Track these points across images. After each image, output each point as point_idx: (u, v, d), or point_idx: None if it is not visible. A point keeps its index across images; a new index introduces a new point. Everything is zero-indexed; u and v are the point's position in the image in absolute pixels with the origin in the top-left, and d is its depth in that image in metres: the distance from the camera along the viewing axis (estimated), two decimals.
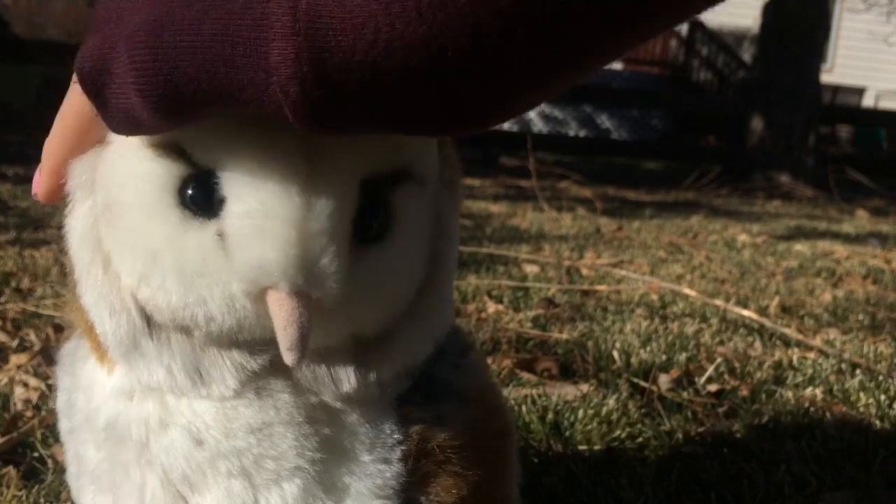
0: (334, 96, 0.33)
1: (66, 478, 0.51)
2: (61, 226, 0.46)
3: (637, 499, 0.96)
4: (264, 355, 0.43)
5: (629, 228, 3.51)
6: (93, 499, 0.48)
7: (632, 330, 1.69)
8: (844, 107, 9.69)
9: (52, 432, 1.04)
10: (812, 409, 1.28)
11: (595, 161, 7.42)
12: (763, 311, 1.97)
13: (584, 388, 1.31)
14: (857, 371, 1.50)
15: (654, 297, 2.03)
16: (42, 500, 0.90)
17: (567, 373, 1.42)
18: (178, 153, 0.40)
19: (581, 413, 1.16)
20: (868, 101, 11.56)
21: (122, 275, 0.43)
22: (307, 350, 0.40)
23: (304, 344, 0.39)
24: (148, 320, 0.43)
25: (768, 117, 6.49)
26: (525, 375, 1.37)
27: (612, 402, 1.23)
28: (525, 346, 1.54)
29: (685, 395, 1.33)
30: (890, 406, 1.31)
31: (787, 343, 1.70)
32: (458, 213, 0.49)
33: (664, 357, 1.50)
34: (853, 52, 12.33)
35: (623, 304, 1.96)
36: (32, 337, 1.42)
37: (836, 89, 10.22)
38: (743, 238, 3.42)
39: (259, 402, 0.44)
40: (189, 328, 0.43)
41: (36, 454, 1.00)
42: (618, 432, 1.13)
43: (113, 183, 0.43)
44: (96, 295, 0.44)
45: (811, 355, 1.60)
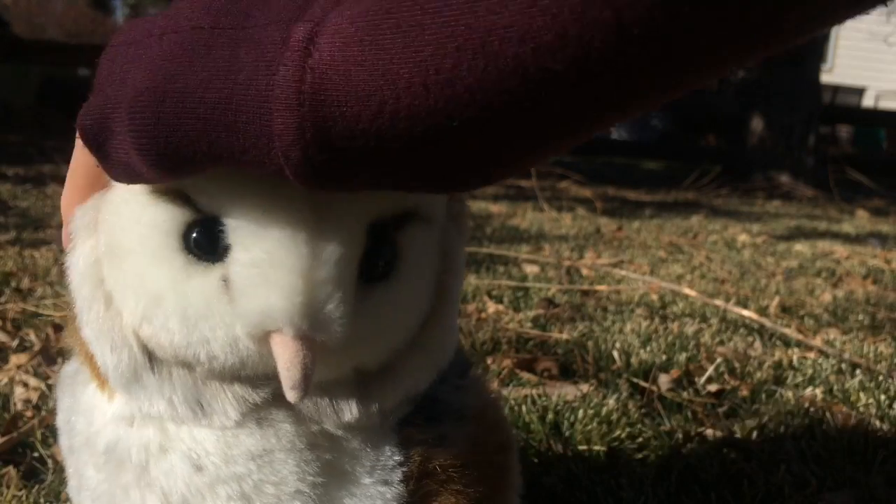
0: (336, 161, 0.33)
1: (68, 490, 0.51)
2: (61, 225, 0.46)
3: (637, 499, 0.96)
4: (266, 388, 0.43)
5: (629, 228, 3.51)
6: None
7: (632, 330, 1.69)
8: (844, 107, 9.67)
9: (52, 432, 1.04)
10: (812, 409, 1.28)
11: (595, 161, 7.41)
12: (763, 311, 1.97)
13: (584, 388, 1.31)
14: (857, 371, 1.50)
15: (654, 297, 2.03)
16: (42, 500, 0.90)
17: (567, 373, 1.42)
18: (183, 199, 0.40)
19: (581, 413, 1.16)
20: (868, 101, 11.56)
21: (124, 313, 0.43)
22: (310, 389, 0.40)
23: (307, 384, 0.39)
24: (149, 355, 0.43)
25: (768, 117, 6.49)
26: (525, 375, 1.37)
27: (612, 402, 1.23)
28: (525, 346, 1.54)
29: (685, 395, 1.33)
30: (890, 406, 1.31)
31: (787, 343, 1.70)
32: (465, 246, 0.49)
33: (664, 357, 1.50)
34: (853, 52, 12.33)
35: (623, 304, 1.96)
36: (32, 337, 1.42)
37: (836, 89, 10.21)
38: (743, 238, 3.42)
39: (260, 431, 0.44)
40: (191, 364, 0.43)
41: (36, 454, 1.00)
42: (618, 432, 1.13)
43: (116, 226, 0.43)
44: (97, 330, 0.44)
45: (811, 355, 1.60)
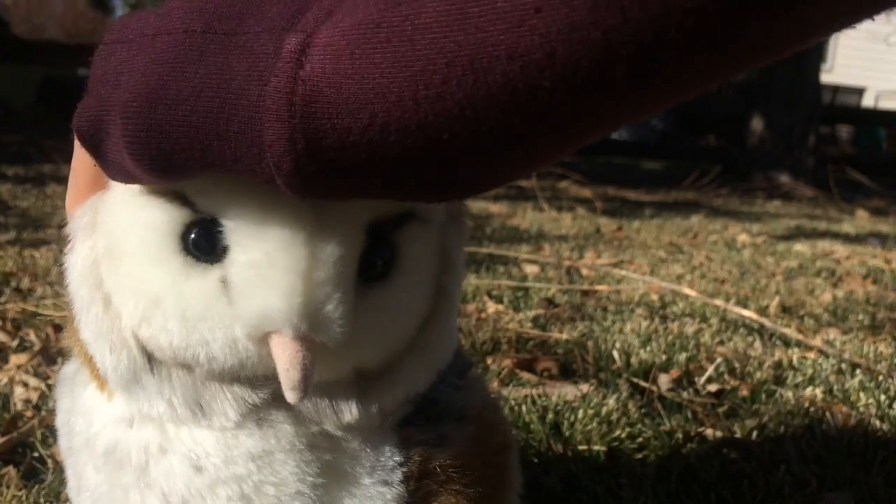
0: (327, 171, 0.33)
1: (67, 491, 0.51)
2: (61, 225, 0.46)
3: (637, 499, 0.96)
4: (266, 389, 0.43)
5: (629, 228, 3.51)
6: None
7: (632, 330, 1.69)
8: (844, 107, 9.67)
9: (52, 432, 1.04)
10: (812, 409, 1.28)
11: (595, 161, 7.42)
12: (763, 311, 1.97)
13: (584, 388, 1.31)
14: (857, 371, 1.50)
15: (654, 297, 2.03)
16: (42, 500, 0.90)
17: (567, 373, 1.42)
18: (181, 200, 0.40)
19: (581, 413, 1.16)
20: (868, 101, 11.56)
21: (123, 315, 0.43)
22: (310, 389, 0.40)
23: (306, 384, 0.39)
24: (149, 357, 0.43)
25: (768, 117, 6.49)
26: (525, 375, 1.37)
27: (612, 402, 1.23)
28: (525, 346, 1.54)
29: (685, 395, 1.33)
30: (890, 406, 1.31)
31: (787, 343, 1.70)
32: (464, 246, 0.49)
33: (664, 357, 1.50)
34: (853, 52, 12.33)
35: (623, 304, 1.96)
36: (32, 337, 1.42)
37: (836, 89, 10.21)
38: (743, 238, 3.42)
39: (260, 431, 0.44)
40: (190, 365, 0.43)
41: (36, 454, 1.00)
42: (618, 432, 1.13)
43: (115, 228, 0.43)
44: (96, 332, 0.44)
45: (811, 355, 1.60)
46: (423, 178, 0.34)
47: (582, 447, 1.09)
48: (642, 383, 1.36)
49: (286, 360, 0.39)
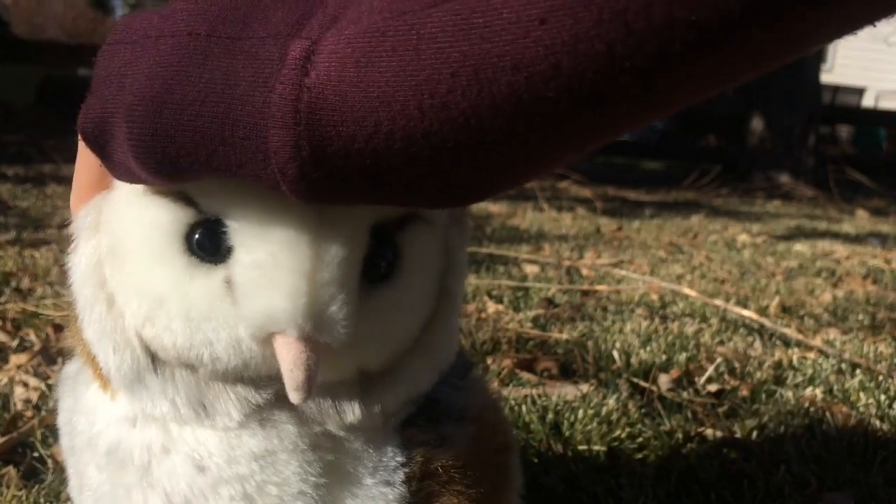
0: (332, 178, 0.33)
1: (68, 490, 0.51)
2: (61, 225, 0.46)
3: (637, 499, 0.96)
4: (269, 389, 0.43)
5: (629, 228, 3.51)
6: None
7: (632, 330, 1.69)
8: (844, 107, 9.67)
9: (52, 432, 1.04)
10: (812, 409, 1.28)
11: (595, 161, 7.41)
12: (763, 311, 1.97)
13: (584, 388, 1.31)
14: (857, 371, 1.50)
15: (654, 297, 2.03)
16: (42, 500, 0.90)
17: (567, 373, 1.42)
18: (185, 200, 0.40)
19: (581, 413, 1.16)
20: (868, 101, 11.56)
21: (127, 314, 0.43)
22: (313, 390, 0.40)
23: (310, 385, 0.39)
24: (152, 357, 0.43)
25: (768, 117, 6.49)
26: (525, 375, 1.37)
27: (612, 402, 1.23)
28: (525, 346, 1.54)
29: (685, 395, 1.33)
30: (890, 406, 1.31)
31: (787, 343, 1.70)
32: (466, 247, 0.49)
33: (664, 357, 1.50)
34: (853, 52, 12.33)
35: (623, 304, 1.96)
36: (32, 337, 1.42)
37: (836, 89, 10.21)
38: (743, 238, 3.42)
39: (263, 431, 0.44)
40: (194, 365, 0.43)
41: (36, 454, 1.00)
42: (618, 432, 1.13)
43: (119, 228, 0.43)
44: (99, 331, 0.44)
45: (811, 355, 1.60)
46: (427, 185, 0.34)
47: (582, 447, 1.09)
48: (642, 383, 1.36)
49: (290, 360, 0.39)
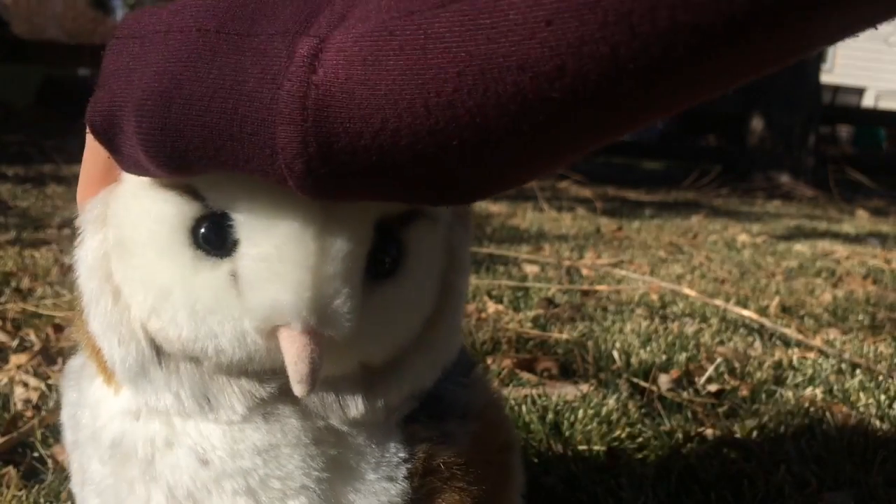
0: (338, 174, 0.34)
1: (71, 486, 0.51)
2: (61, 225, 0.46)
3: (637, 499, 0.96)
4: (273, 383, 0.44)
5: (629, 228, 3.51)
6: None
7: (632, 330, 1.69)
8: (844, 107, 9.67)
9: (52, 432, 1.04)
10: (812, 409, 1.28)
11: (595, 161, 7.41)
12: (763, 311, 1.97)
13: (584, 388, 1.31)
14: (857, 371, 1.50)
15: (654, 297, 2.03)
16: (42, 500, 0.90)
17: (567, 373, 1.42)
18: (192, 194, 0.41)
19: (581, 413, 1.16)
20: (868, 101, 11.56)
21: (132, 307, 0.43)
22: (317, 383, 0.40)
23: (314, 378, 0.39)
24: (157, 349, 0.43)
25: (768, 117, 6.49)
26: (525, 375, 1.37)
27: (612, 402, 1.23)
28: (525, 346, 1.54)
29: (685, 395, 1.33)
30: (890, 406, 1.31)
31: (787, 343, 1.70)
32: (470, 245, 0.49)
33: (664, 357, 1.50)
34: (853, 52, 12.33)
35: (623, 304, 1.96)
36: (32, 337, 1.42)
37: (836, 89, 10.21)
38: (743, 238, 3.42)
39: (266, 425, 0.44)
40: (199, 358, 0.43)
41: (36, 454, 1.00)
42: (618, 432, 1.13)
43: (125, 221, 0.43)
44: (105, 324, 0.44)
45: (811, 355, 1.60)
46: (432, 182, 0.34)
47: (582, 447, 1.09)
48: (642, 383, 1.36)
49: (294, 353, 0.39)
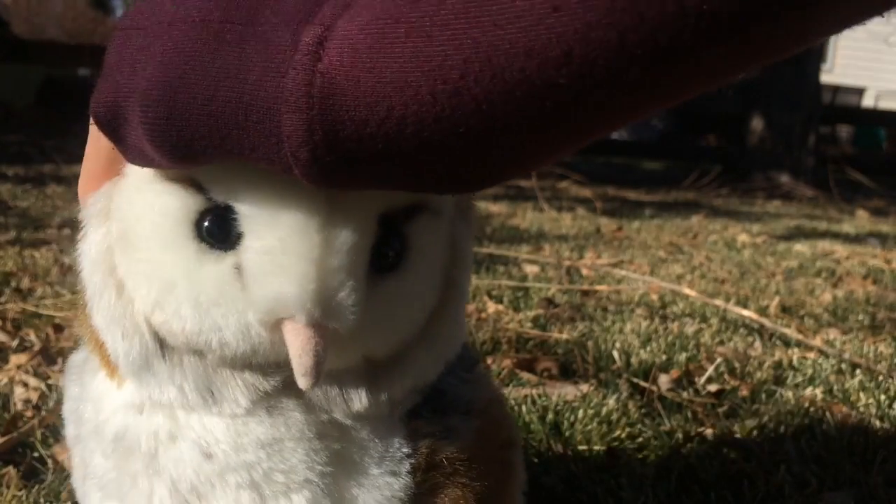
0: (344, 162, 0.34)
1: (72, 481, 0.51)
2: (61, 225, 0.46)
3: (637, 499, 0.96)
4: (277, 376, 0.44)
5: (629, 228, 3.51)
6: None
7: (632, 330, 1.69)
8: (844, 107, 9.66)
9: (52, 432, 1.04)
10: (812, 409, 1.28)
11: (595, 161, 7.42)
12: (763, 311, 1.97)
13: (584, 388, 1.31)
14: (857, 371, 1.50)
15: (654, 297, 2.03)
16: (42, 500, 0.90)
17: (567, 373, 1.42)
18: (196, 188, 0.41)
19: (581, 413, 1.16)
20: (868, 101, 11.55)
21: (136, 301, 0.43)
22: (321, 376, 0.40)
23: (318, 371, 0.39)
24: (161, 343, 0.43)
25: (768, 117, 6.49)
26: (525, 375, 1.37)
27: (612, 402, 1.23)
28: (525, 346, 1.54)
29: (685, 395, 1.33)
30: (890, 406, 1.31)
31: (787, 343, 1.70)
32: (472, 240, 0.49)
33: (664, 357, 1.50)
34: (853, 52, 12.33)
35: (623, 304, 1.96)
36: (32, 337, 1.42)
37: (836, 89, 10.20)
38: (743, 238, 3.42)
39: (270, 419, 0.44)
40: (202, 351, 0.43)
41: (36, 454, 1.00)
42: (618, 432, 1.13)
43: (129, 214, 0.43)
44: (108, 318, 0.44)
45: (811, 355, 1.60)
46: (438, 170, 0.34)
47: (582, 447, 1.09)
48: (642, 383, 1.36)
49: (299, 346, 0.39)
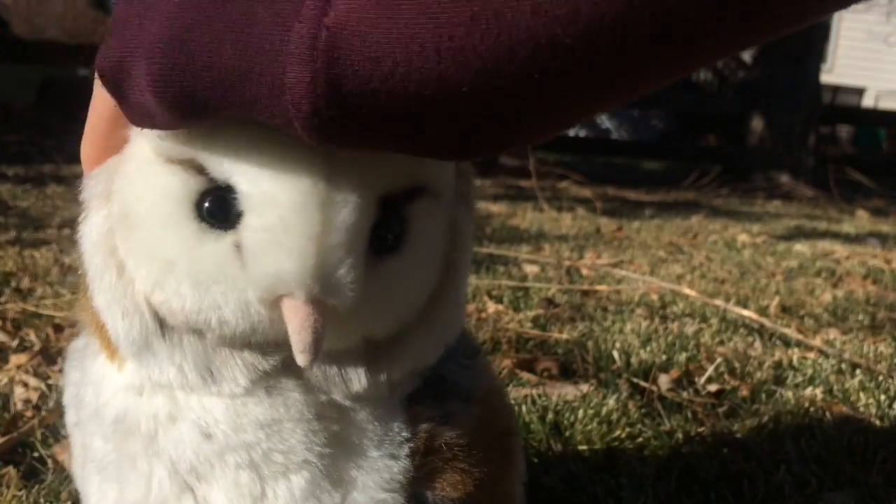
0: (345, 117, 0.33)
1: (72, 467, 0.51)
2: (61, 225, 0.46)
3: (637, 499, 0.96)
4: (276, 356, 0.44)
5: (629, 228, 3.51)
6: (98, 488, 0.48)
7: (632, 330, 1.69)
8: (844, 107, 9.66)
9: (52, 432, 1.04)
10: (812, 409, 1.28)
11: (595, 161, 7.42)
12: (763, 311, 1.97)
13: (584, 388, 1.31)
14: (857, 371, 1.50)
15: (654, 297, 2.03)
16: (42, 500, 0.90)
17: (567, 373, 1.43)
18: (196, 168, 0.41)
19: (581, 413, 1.16)
20: (868, 101, 11.55)
21: (137, 281, 0.43)
22: (320, 353, 0.40)
23: (317, 347, 0.40)
24: (161, 322, 0.43)
25: (768, 117, 6.49)
26: (525, 375, 1.37)
27: (612, 402, 1.23)
28: (525, 346, 1.54)
29: (685, 395, 1.33)
30: (890, 406, 1.31)
31: (787, 343, 1.70)
32: (472, 224, 0.49)
33: (664, 357, 1.50)
34: (853, 52, 12.32)
35: (623, 304, 1.96)
36: (32, 337, 1.42)
37: (836, 89, 10.20)
38: (743, 238, 3.42)
39: (269, 399, 0.44)
40: (202, 330, 0.43)
41: (36, 454, 1.00)
42: (618, 432, 1.13)
43: (130, 195, 0.43)
44: (109, 298, 0.44)
45: (811, 355, 1.60)
46: (439, 132, 0.34)
47: (582, 447, 1.09)
48: (642, 383, 1.36)
49: (298, 322, 0.39)
